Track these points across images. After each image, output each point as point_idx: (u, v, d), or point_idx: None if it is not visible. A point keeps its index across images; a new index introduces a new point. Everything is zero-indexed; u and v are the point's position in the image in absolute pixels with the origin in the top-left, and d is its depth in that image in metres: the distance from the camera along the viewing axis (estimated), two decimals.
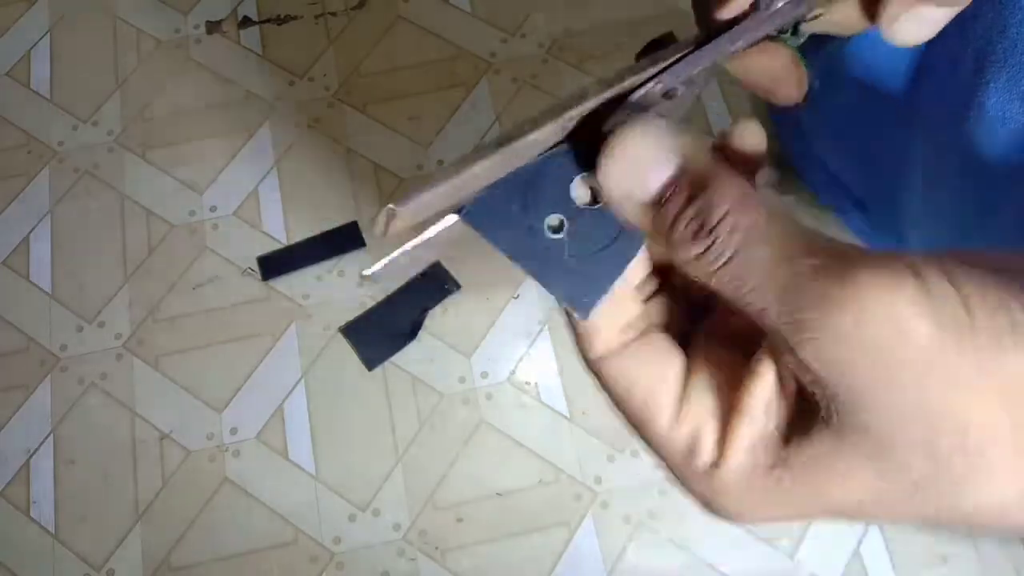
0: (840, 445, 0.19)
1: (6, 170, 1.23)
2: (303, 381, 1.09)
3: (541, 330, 1.10)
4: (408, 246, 0.22)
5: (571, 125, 0.22)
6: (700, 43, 0.23)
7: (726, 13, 0.23)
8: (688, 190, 0.20)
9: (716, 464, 0.21)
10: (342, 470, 1.05)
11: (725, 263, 0.19)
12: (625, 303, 0.24)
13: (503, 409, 1.07)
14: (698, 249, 0.20)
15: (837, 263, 0.18)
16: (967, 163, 0.37)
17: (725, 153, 0.23)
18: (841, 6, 0.24)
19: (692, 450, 0.22)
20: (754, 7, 0.22)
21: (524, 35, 1.27)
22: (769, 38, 0.24)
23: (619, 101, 0.22)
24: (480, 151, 0.20)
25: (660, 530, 1.01)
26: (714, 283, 0.20)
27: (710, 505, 0.22)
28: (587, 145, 0.22)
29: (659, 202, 0.21)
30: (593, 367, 0.23)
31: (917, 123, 0.40)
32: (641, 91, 0.22)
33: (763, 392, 0.21)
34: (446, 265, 1.12)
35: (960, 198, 0.39)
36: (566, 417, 1.06)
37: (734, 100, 1.18)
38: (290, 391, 1.09)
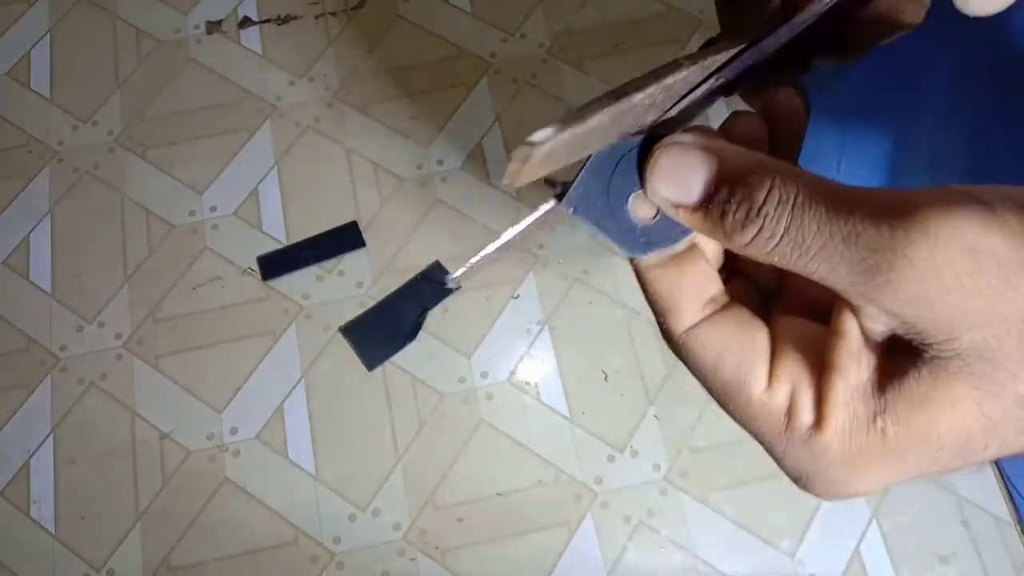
0: (941, 375, 0.19)
1: (6, 170, 1.23)
2: (303, 381, 1.09)
3: (541, 330, 1.10)
4: (489, 249, 0.23)
5: (674, 95, 0.23)
6: (774, 23, 0.23)
7: None
8: (730, 182, 0.21)
9: (816, 426, 0.21)
10: (342, 470, 1.05)
11: (782, 237, 0.19)
12: (707, 277, 0.24)
13: (503, 409, 1.07)
14: (752, 232, 0.20)
15: (894, 204, 0.18)
16: (973, 137, 0.37)
17: (768, 122, 0.24)
18: None
19: (791, 413, 0.21)
20: None
21: (524, 35, 1.27)
22: None
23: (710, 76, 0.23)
24: (598, 103, 0.21)
25: (660, 530, 1.01)
26: (777, 261, 0.20)
27: (809, 476, 0.22)
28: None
29: (706, 203, 0.21)
30: (678, 342, 0.23)
31: (924, 99, 0.41)
32: (729, 67, 0.23)
33: (850, 346, 0.20)
34: (446, 265, 1.12)
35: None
36: (566, 417, 1.06)
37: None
38: (290, 391, 1.09)
